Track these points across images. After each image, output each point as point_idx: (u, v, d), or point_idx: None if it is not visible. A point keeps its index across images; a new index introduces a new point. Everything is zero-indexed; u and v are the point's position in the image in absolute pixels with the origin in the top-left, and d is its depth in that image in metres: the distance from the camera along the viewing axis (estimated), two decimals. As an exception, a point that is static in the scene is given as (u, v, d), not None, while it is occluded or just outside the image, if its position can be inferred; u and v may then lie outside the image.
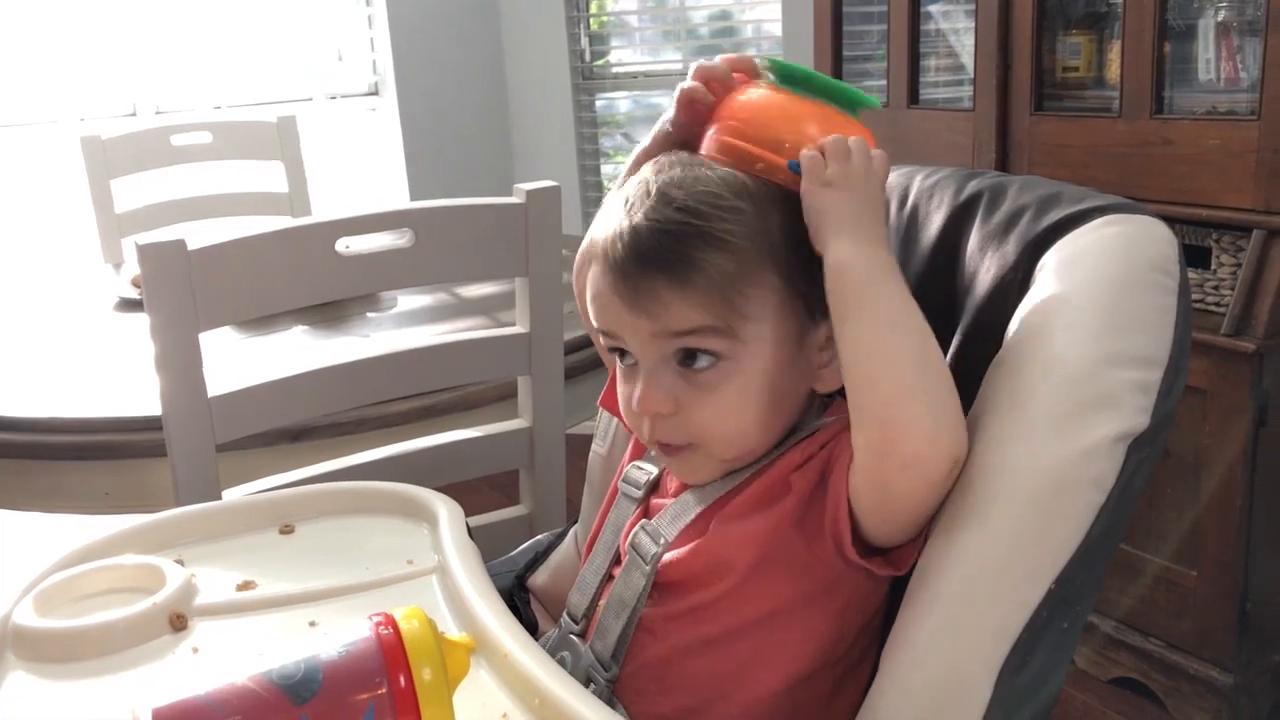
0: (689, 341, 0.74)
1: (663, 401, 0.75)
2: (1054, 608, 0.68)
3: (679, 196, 0.73)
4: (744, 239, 0.73)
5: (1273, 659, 1.71)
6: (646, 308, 0.73)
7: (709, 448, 0.77)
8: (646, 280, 0.73)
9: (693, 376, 0.75)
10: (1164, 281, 0.73)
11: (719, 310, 0.73)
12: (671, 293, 0.72)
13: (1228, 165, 1.61)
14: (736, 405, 0.75)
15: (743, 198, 0.74)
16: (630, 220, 0.74)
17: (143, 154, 2.41)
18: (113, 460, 1.34)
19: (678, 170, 0.76)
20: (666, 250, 0.72)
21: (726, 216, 0.73)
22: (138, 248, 1.11)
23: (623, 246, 0.73)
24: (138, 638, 0.75)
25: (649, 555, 0.78)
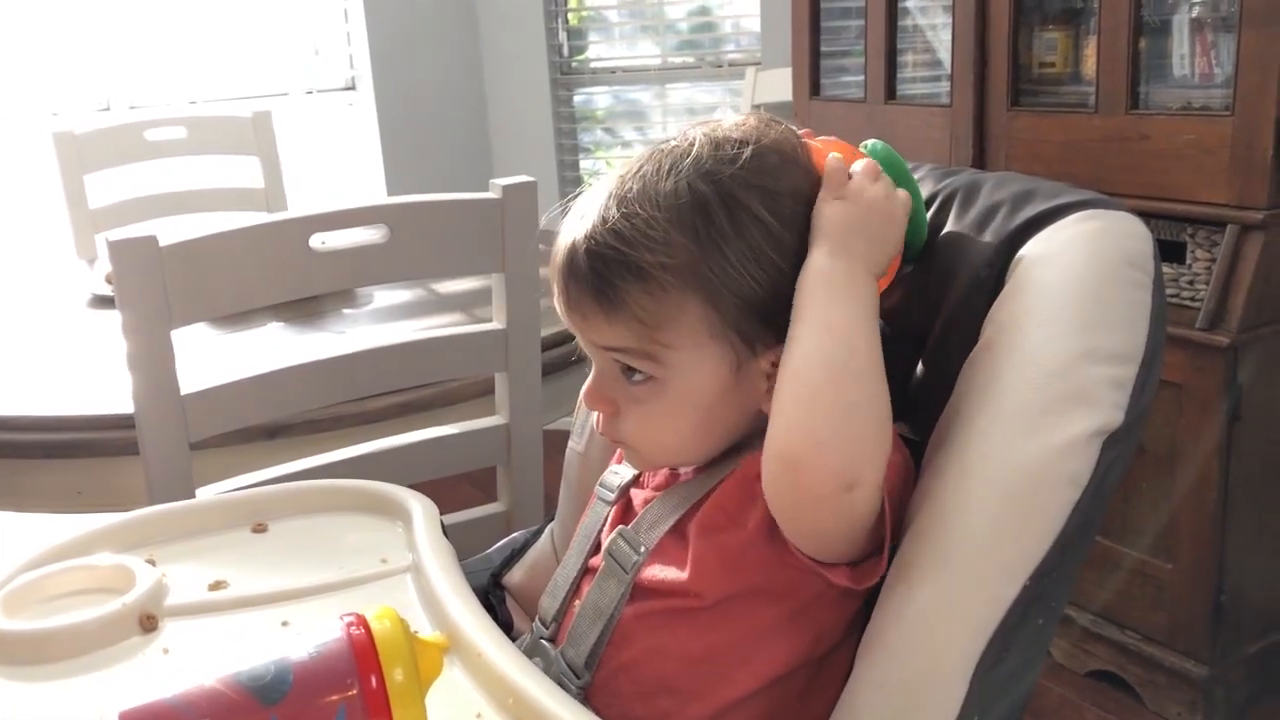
0: (618, 357, 0.76)
1: (601, 401, 0.78)
2: (1029, 604, 0.68)
3: (615, 217, 0.73)
4: (671, 274, 0.72)
5: (1247, 651, 1.72)
6: (578, 322, 0.76)
7: (641, 450, 0.79)
8: (578, 296, 0.75)
9: (629, 388, 0.76)
10: (1139, 277, 0.74)
11: (640, 338, 0.73)
12: (597, 314, 0.74)
13: (1202, 160, 1.61)
14: (663, 422, 0.76)
15: (683, 228, 0.72)
16: (574, 233, 0.75)
17: (116, 149, 2.39)
18: (84, 459, 1.33)
19: (635, 185, 0.74)
20: (593, 274, 0.73)
21: (655, 249, 0.72)
22: (109, 244, 1.10)
23: (562, 260, 0.76)
24: (107, 639, 0.74)
25: (629, 564, 0.78)
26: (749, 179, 0.74)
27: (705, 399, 0.75)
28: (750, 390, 0.75)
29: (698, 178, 0.73)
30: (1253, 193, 1.56)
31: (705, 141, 0.75)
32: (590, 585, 0.80)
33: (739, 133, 0.76)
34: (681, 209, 0.73)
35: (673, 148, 0.76)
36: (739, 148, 0.74)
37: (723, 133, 0.76)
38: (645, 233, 0.72)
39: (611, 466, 0.88)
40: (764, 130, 0.77)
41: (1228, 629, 1.68)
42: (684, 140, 0.76)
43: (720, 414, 0.76)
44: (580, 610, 0.79)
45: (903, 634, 0.69)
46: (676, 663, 0.75)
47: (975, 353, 0.75)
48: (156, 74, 3.09)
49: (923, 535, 0.71)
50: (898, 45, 2.14)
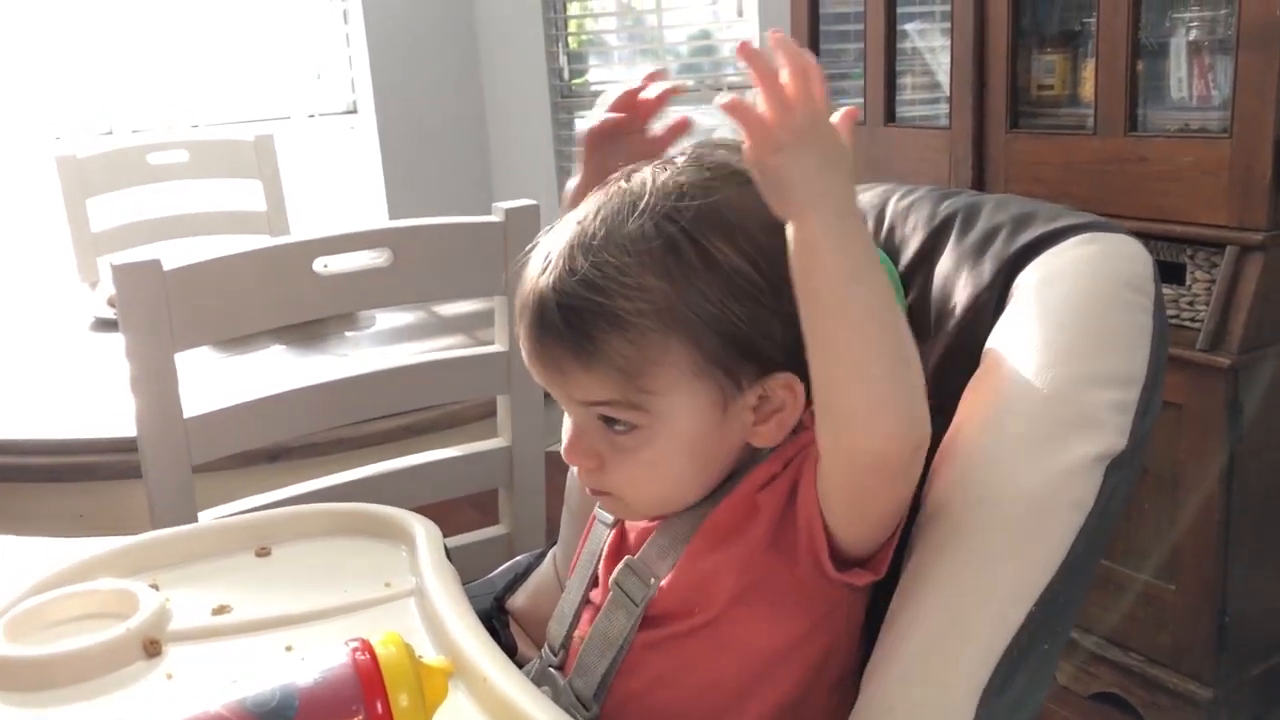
0: (601, 410, 0.73)
1: (582, 458, 0.75)
2: (1036, 629, 0.68)
3: (583, 265, 0.70)
4: (650, 318, 0.70)
5: (1250, 673, 1.72)
6: (553, 378, 0.74)
7: (627, 499, 0.77)
8: (551, 352, 0.72)
9: (612, 438, 0.74)
10: (1139, 300, 0.74)
11: (623, 388, 0.71)
12: (576, 368, 0.72)
13: (1201, 182, 1.62)
14: (653, 470, 0.74)
15: (655, 271, 0.70)
16: (539, 286, 0.72)
17: (119, 172, 2.40)
18: (87, 482, 1.33)
19: (598, 230, 0.72)
20: (567, 327, 0.71)
21: (631, 296, 0.70)
22: (112, 268, 1.10)
23: (530, 315, 0.73)
24: (111, 665, 0.74)
25: (638, 596, 0.76)
26: (713, 215, 0.71)
27: (694, 442, 0.73)
28: (738, 427, 0.74)
29: (662, 218, 0.71)
30: (1252, 214, 1.56)
31: (661, 181, 0.73)
32: (598, 615, 0.78)
33: (692, 168, 0.74)
34: (652, 251, 0.70)
35: (626, 190, 0.73)
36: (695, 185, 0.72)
37: (675, 170, 0.74)
38: (618, 280, 0.70)
39: None
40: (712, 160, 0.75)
41: (1231, 651, 1.68)
42: (638, 181, 0.74)
43: (709, 455, 0.75)
44: (588, 640, 0.78)
45: (909, 659, 0.69)
46: (686, 691, 0.74)
47: (976, 377, 0.75)
48: (159, 98, 3.11)
49: (928, 560, 0.71)
50: (897, 68, 2.15)
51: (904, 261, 0.85)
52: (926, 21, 2.17)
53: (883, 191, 0.91)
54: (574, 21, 3.54)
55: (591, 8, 3.59)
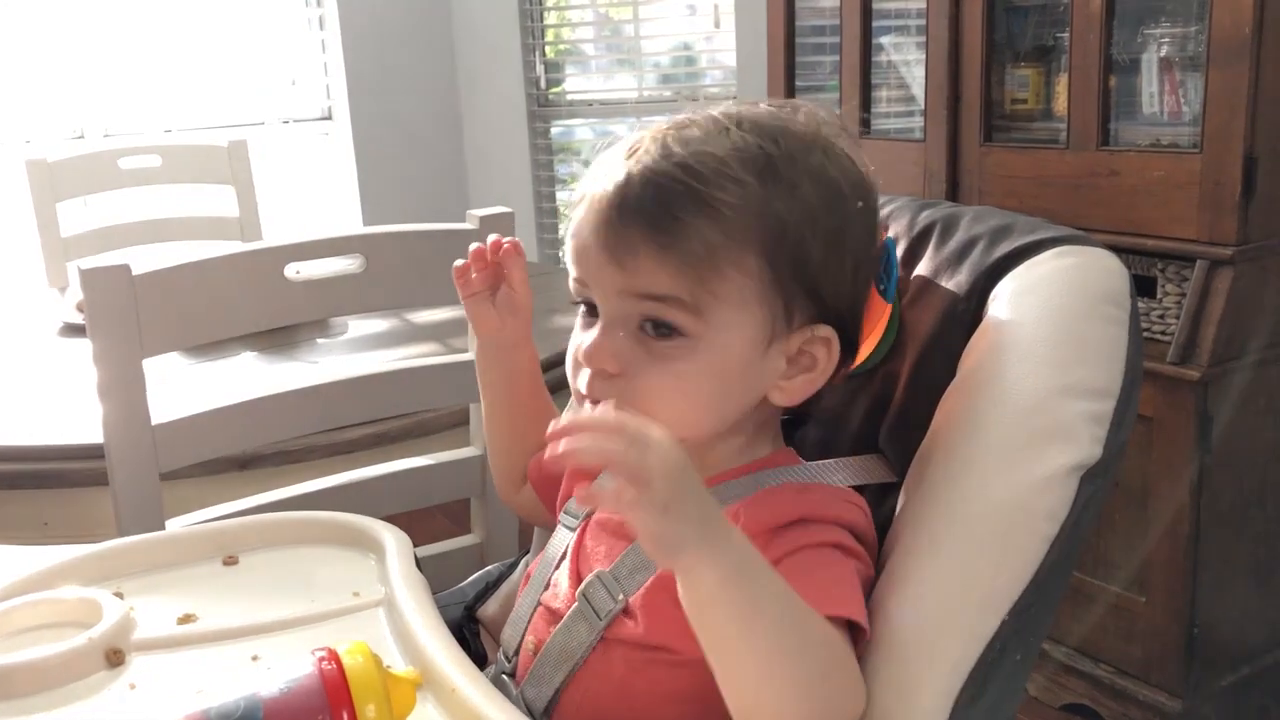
0: (653, 309, 0.70)
1: (610, 359, 0.71)
2: (1008, 639, 0.68)
3: (680, 153, 0.69)
4: (738, 214, 0.68)
5: (1219, 684, 1.73)
6: (621, 259, 0.70)
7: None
8: (627, 231, 0.69)
9: (650, 343, 0.71)
10: (1115, 313, 0.74)
11: (691, 283, 0.69)
12: (649, 250, 0.69)
13: (1172, 196, 1.64)
14: (685, 385, 0.71)
15: (752, 172, 0.69)
16: (626, 168, 0.70)
17: (90, 177, 2.37)
18: (52, 489, 1.31)
19: (694, 130, 0.71)
20: (654, 204, 0.68)
21: (727, 186, 0.68)
22: (80, 272, 1.09)
23: (613, 191, 0.70)
24: (72, 674, 0.73)
25: (604, 611, 0.73)
26: (809, 152, 0.73)
27: (731, 368, 0.72)
28: (769, 372, 0.73)
29: (765, 138, 0.71)
30: (1221, 229, 1.58)
31: (750, 110, 0.74)
32: (559, 625, 0.76)
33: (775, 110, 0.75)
34: (755, 158, 0.70)
35: (719, 114, 0.73)
36: (787, 117, 0.74)
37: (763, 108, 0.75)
38: (717, 169, 0.68)
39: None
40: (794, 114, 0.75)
41: (1200, 663, 1.69)
42: (721, 110, 0.74)
43: (737, 388, 0.73)
44: (546, 651, 0.76)
45: (880, 670, 0.68)
46: (643, 701, 0.72)
47: (952, 388, 0.75)
48: (132, 102, 3.08)
49: (900, 569, 0.71)
50: (872, 80, 2.17)
51: (880, 270, 0.85)
52: (902, 35, 2.19)
53: (859, 201, 0.91)
54: (551, 31, 3.54)
55: (569, 17, 3.59)
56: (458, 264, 0.86)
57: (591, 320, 0.74)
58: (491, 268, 0.86)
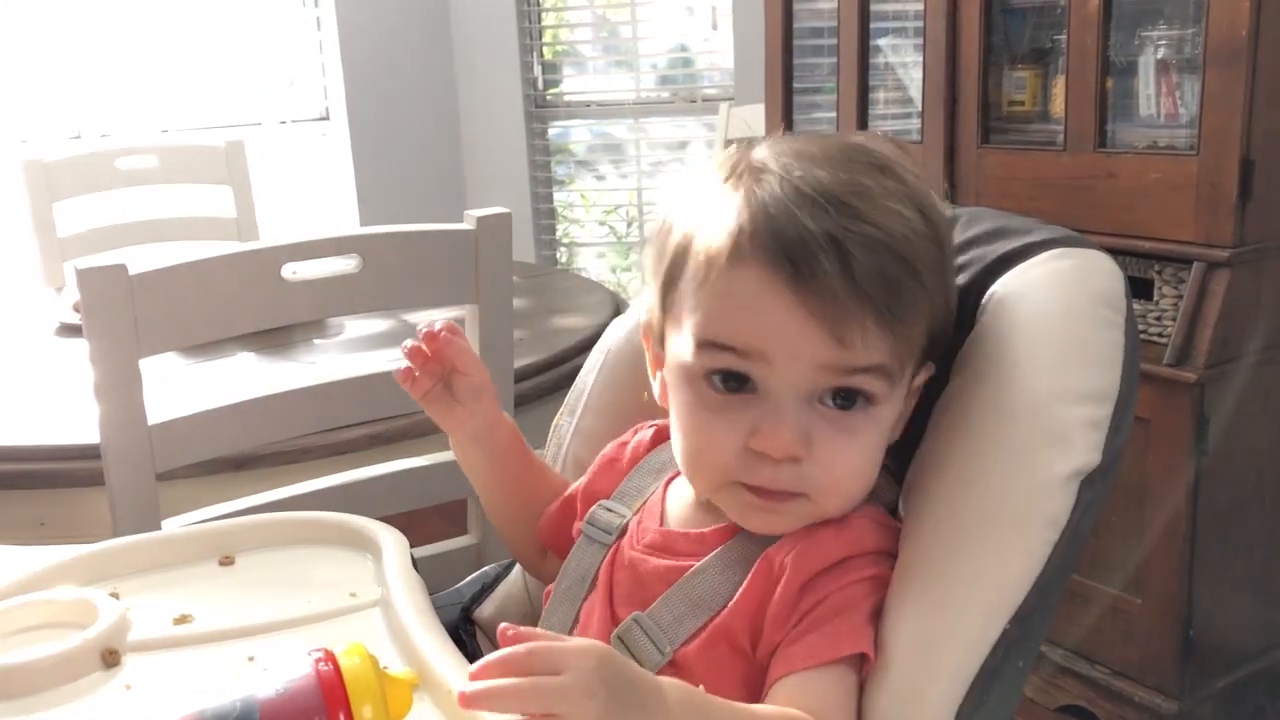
0: (858, 381, 0.67)
1: (800, 443, 0.67)
2: (1010, 646, 0.68)
3: (865, 210, 0.66)
4: (926, 269, 0.67)
5: (1215, 686, 1.73)
6: (844, 336, 0.65)
7: (821, 500, 0.69)
8: (858, 307, 0.65)
9: (835, 417, 0.68)
10: (1111, 316, 0.74)
11: (900, 349, 0.67)
12: (875, 323, 0.65)
13: (1168, 199, 1.64)
14: (869, 458, 0.70)
15: (927, 230, 0.69)
16: (820, 225, 0.65)
17: (86, 177, 2.37)
18: (48, 489, 1.31)
19: (843, 173, 0.67)
20: (877, 273, 0.65)
21: (914, 239, 0.67)
22: (77, 272, 1.09)
23: (824, 258, 0.64)
24: (67, 675, 0.73)
25: (648, 662, 0.70)
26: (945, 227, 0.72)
27: (894, 425, 0.72)
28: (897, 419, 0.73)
29: (919, 203, 0.70)
30: (1218, 231, 1.58)
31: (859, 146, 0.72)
32: None
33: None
34: (914, 203, 0.69)
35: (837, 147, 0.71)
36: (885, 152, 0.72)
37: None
38: (906, 230, 0.66)
39: (603, 503, 0.83)
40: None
41: (1197, 664, 1.69)
42: (835, 146, 0.71)
43: (886, 446, 0.72)
44: None
45: (883, 678, 0.68)
46: None
47: (948, 392, 0.75)
48: (129, 103, 3.08)
49: (901, 579, 0.70)
50: (869, 82, 2.16)
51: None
52: (899, 37, 2.19)
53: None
54: (549, 31, 3.54)
55: (567, 18, 3.59)
56: (398, 369, 0.81)
57: (732, 394, 0.68)
58: (435, 360, 0.81)
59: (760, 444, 0.67)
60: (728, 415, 0.69)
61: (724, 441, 0.69)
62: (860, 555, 0.70)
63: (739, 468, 0.69)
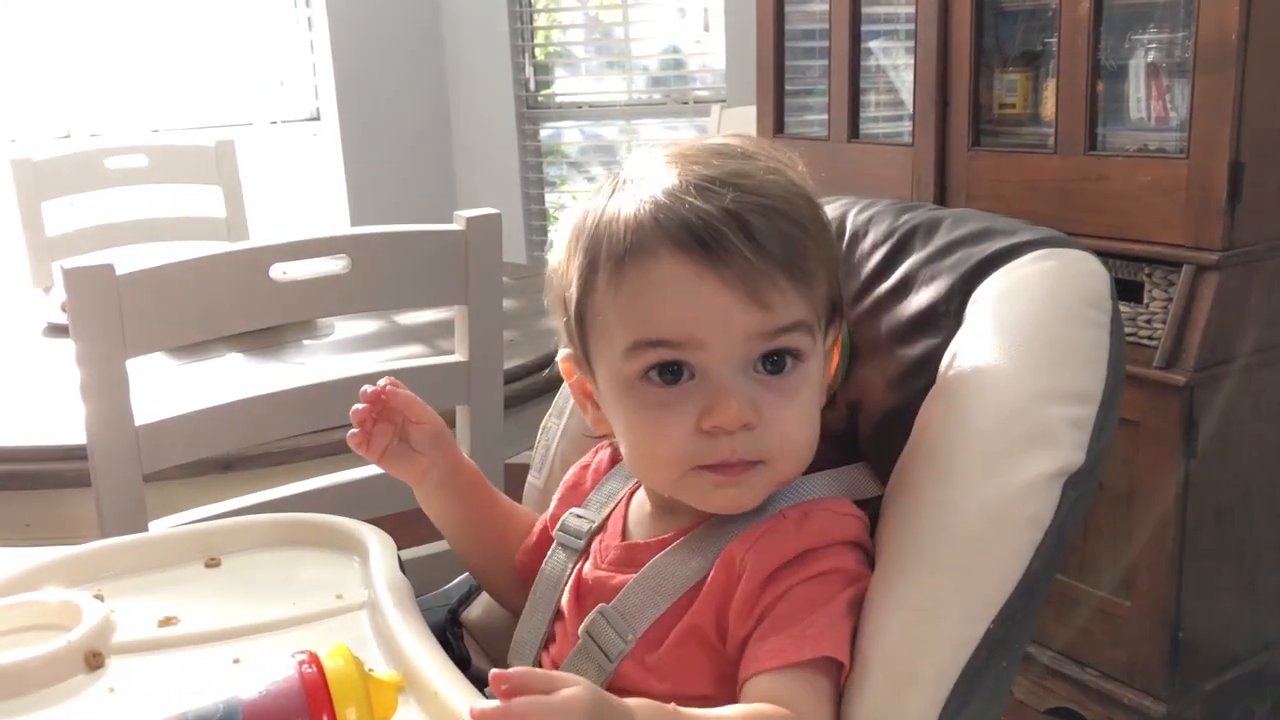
0: (784, 340, 0.69)
1: (751, 411, 0.68)
2: (993, 647, 0.67)
3: (750, 184, 0.69)
4: (812, 225, 0.71)
5: (1204, 688, 1.73)
6: (763, 298, 0.67)
7: (777, 463, 0.71)
8: (767, 268, 0.67)
9: (772, 382, 0.69)
10: (1096, 316, 0.74)
11: (812, 302, 0.70)
12: (786, 280, 0.68)
13: (1158, 202, 1.64)
14: (807, 411, 0.71)
15: (799, 188, 0.72)
16: (714, 203, 0.67)
17: (75, 176, 2.36)
18: (35, 490, 1.30)
19: (716, 162, 0.71)
20: (774, 232, 0.67)
21: (795, 201, 0.70)
22: (64, 271, 1.08)
23: (728, 230, 0.66)
24: (50, 678, 0.72)
25: (613, 651, 0.71)
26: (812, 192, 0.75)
27: (822, 382, 0.74)
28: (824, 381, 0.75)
29: (767, 161, 0.73)
30: (1208, 234, 1.58)
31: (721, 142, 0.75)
32: (564, 663, 0.75)
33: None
34: (781, 173, 0.72)
35: (704, 146, 0.73)
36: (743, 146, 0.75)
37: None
38: (785, 193, 0.70)
39: (574, 510, 0.84)
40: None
41: (1185, 666, 1.69)
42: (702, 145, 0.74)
43: (820, 405, 0.74)
44: None
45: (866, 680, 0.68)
46: None
47: (933, 393, 0.75)
48: (119, 102, 3.07)
49: (885, 578, 0.70)
50: (861, 85, 2.17)
51: (864, 273, 0.85)
52: (890, 39, 2.19)
53: (842, 204, 0.91)
54: (541, 33, 3.54)
55: (559, 19, 3.59)
56: (350, 435, 0.81)
57: (673, 386, 0.69)
58: (384, 417, 0.82)
59: (713, 420, 0.68)
60: (673, 407, 0.69)
61: (675, 431, 0.69)
62: (823, 547, 0.71)
63: (695, 452, 0.69)
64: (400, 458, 0.83)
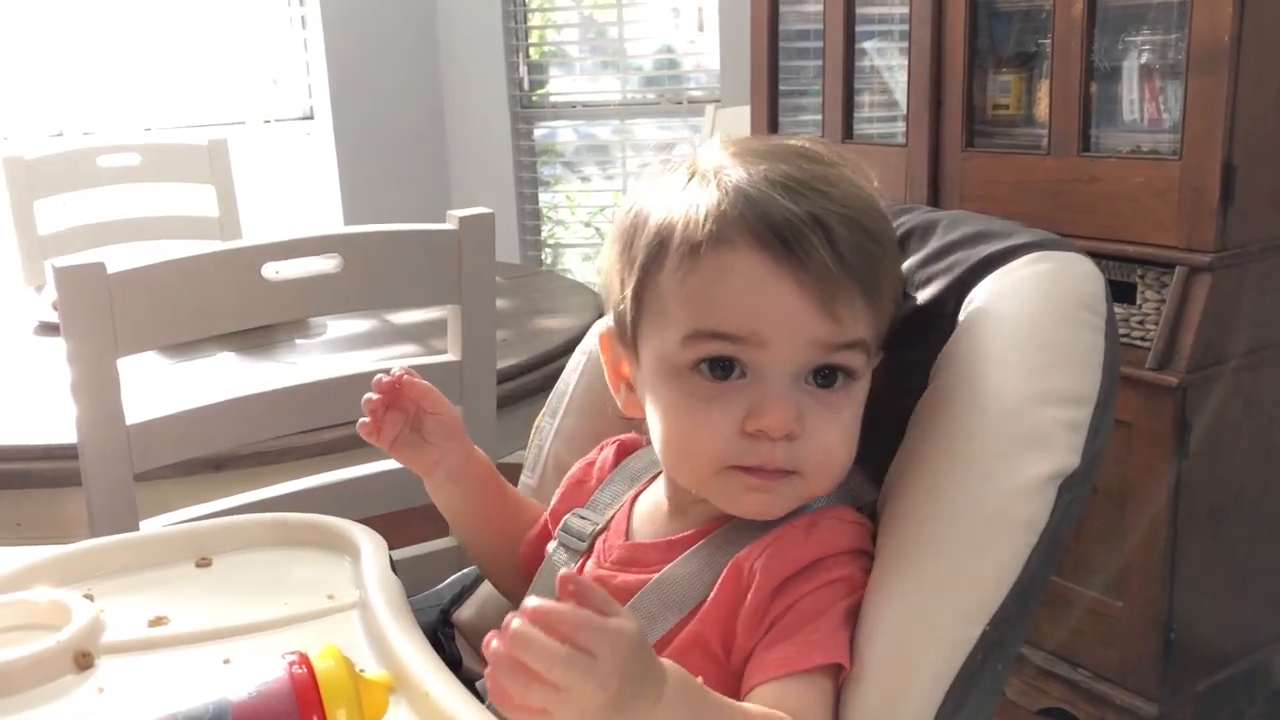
0: (842, 357, 0.69)
1: (796, 421, 0.67)
2: (989, 649, 0.67)
3: (836, 193, 0.68)
4: (890, 245, 0.71)
5: (1196, 688, 1.73)
6: (835, 310, 0.67)
7: (813, 477, 0.70)
8: (845, 280, 0.66)
9: (821, 395, 0.69)
10: (1091, 319, 0.74)
11: (878, 323, 0.70)
12: (861, 297, 0.67)
13: (1152, 203, 1.64)
14: (851, 431, 0.71)
15: (872, 199, 0.72)
16: (801, 206, 0.66)
17: (68, 174, 2.36)
18: (24, 489, 1.30)
19: (807, 165, 0.70)
20: (857, 247, 0.67)
21: (877, 217, 0.70)
22: (54, 269, 1.08)
23: (813, 235, 0.66)
24: (39, 678, 0.72)
25: None
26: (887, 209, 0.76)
27: (862, 405, 0.73)
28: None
29: (845, 169, 0.73)
30: (1200, 235, 1.59)
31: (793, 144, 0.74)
32: None
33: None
34: (865, 187, 0.72)
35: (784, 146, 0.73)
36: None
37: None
38: (868, 208, 0.70)
39: (577, 511, 0.84)
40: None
41: (1177, 667, 1.69)
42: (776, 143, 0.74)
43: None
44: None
45: (862, 683, 0.68)
46: None
47: (928, 395, 0.75)
48: (112, 100, 3.06)
49: (879, 581, 0.70)
50: (855, 86, 2.17)
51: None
52: (885, 40, 2.19)
53: (837, 206, 0.91)
54: (535, 32, 3.53)
55: (554, 19, 3.59)
56: (360, 424, 0.80)
57: (722, 382, 0.68)
58: (397, 406, 0.81)
59: (758, 424, 0.67)
60: (720, 402, 0.68)
61: (719, 426, 0.68)
62: (832, 556, 0.70)
63: (735, 451, 0.69)
64: (411, 447, 0.83)
